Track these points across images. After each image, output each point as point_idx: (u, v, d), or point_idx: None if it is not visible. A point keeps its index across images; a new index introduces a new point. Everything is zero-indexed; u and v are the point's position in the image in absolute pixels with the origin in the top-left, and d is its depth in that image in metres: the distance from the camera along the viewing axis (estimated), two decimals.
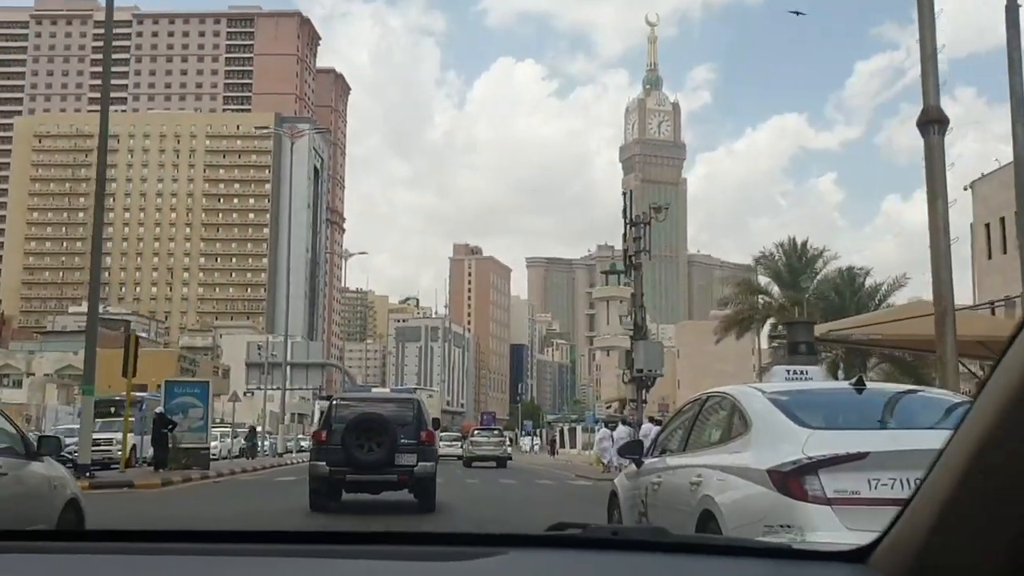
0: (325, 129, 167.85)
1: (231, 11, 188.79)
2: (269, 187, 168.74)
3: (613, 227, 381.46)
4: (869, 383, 6.42)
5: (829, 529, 4.84)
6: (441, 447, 29.07)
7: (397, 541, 1.92)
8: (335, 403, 16.81)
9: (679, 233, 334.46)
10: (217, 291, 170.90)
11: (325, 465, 15.15)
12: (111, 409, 33.00)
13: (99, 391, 26.59)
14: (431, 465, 15.72)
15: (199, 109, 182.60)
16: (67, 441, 20.39)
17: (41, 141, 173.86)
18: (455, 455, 44.88)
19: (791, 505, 5.02)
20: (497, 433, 47.04)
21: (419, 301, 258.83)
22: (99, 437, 28.10)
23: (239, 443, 49.55)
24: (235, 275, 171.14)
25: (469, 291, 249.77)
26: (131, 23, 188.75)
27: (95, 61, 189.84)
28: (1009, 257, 35.72)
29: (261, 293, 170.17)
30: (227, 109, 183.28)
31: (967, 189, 43.00)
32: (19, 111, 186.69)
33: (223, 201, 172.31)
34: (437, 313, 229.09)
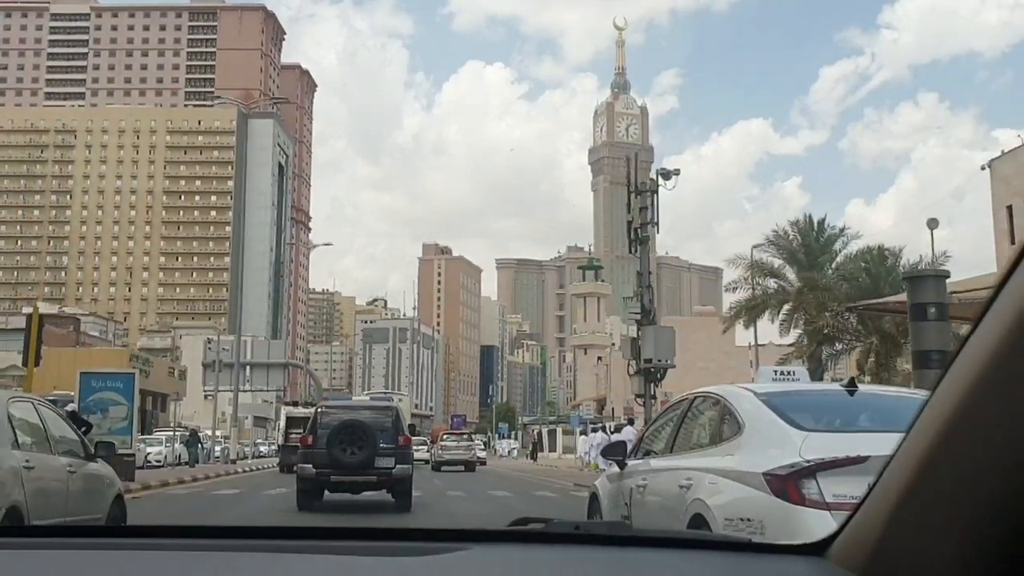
0: (286, 100, 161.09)
1: (193, 4, 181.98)
2: (232, 184, 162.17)
3: (583, 229, 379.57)
4: (861, 385, 6.03)
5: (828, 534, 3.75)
6: None
7: (360, 537, 1.89)
8: (320, 411, 17.90)
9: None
10: (178, 291, 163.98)
11: (311, 467, 16.25)
12: None
13: (45, 391, 24.86)
14: (408, 467, 16.82)
15: (160, 104, 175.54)
16: None
17: None
18: (422, 459, 42.57)
19: (788, 509, 4.85)
20: (466, 437, 46.54)
21: (387, 302, 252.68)
22: None
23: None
24: (196, 275, 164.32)
25: (439, 292, 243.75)
26: (89, 16, 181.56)
27: (51, 55, 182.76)
28: None
29: (224, 293, 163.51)
30: (188, 104, 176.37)
31: (984, 169, 38.56)
32: None
33: (184, 198, 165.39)
34: (405, 315, 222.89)
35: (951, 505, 1.21)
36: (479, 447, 54.93)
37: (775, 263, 37.97)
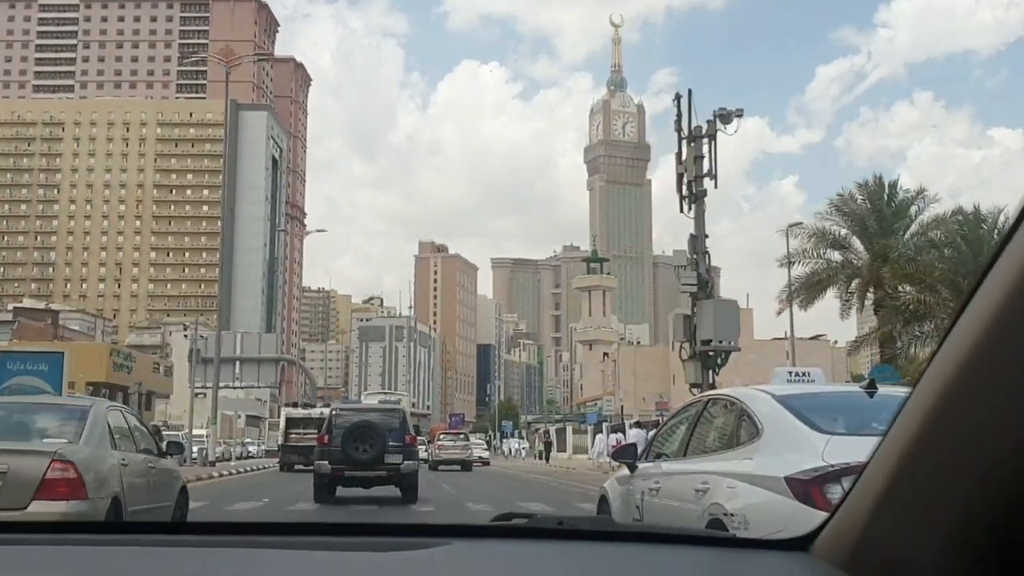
0: (269, 56, 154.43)
1: None
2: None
3: (578, 228, 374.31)
4: (881, 387, 5.72)
5: None
6: None
7: (341, 532, 1.86)
8: (334, 412, 19.44)
9: (644, 234, 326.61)
10: (169, 287, 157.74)
11: (327, 463, 17.69)
12: None
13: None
14: (414, 463, 18.37)
15: (151, 97, 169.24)
16: None
17: None
18: (421, 459, 38.01)
19: (812, 514, 4.48)
20: (463, 437, 46.51)
21: (383, 301, 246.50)
22: None
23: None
24: (188, 270, 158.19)
25: (435, 290, 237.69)
26: (78, 7, 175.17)
27: (40, 47, 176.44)
28: None
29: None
30: (180, 97, 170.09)
31: None
32: None
33: (175, 192, 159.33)
34: (401, 313, 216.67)
35: (933, 500, 1.21)
36: (481, 447, 53.27)
37: (840, 232, 32.07)
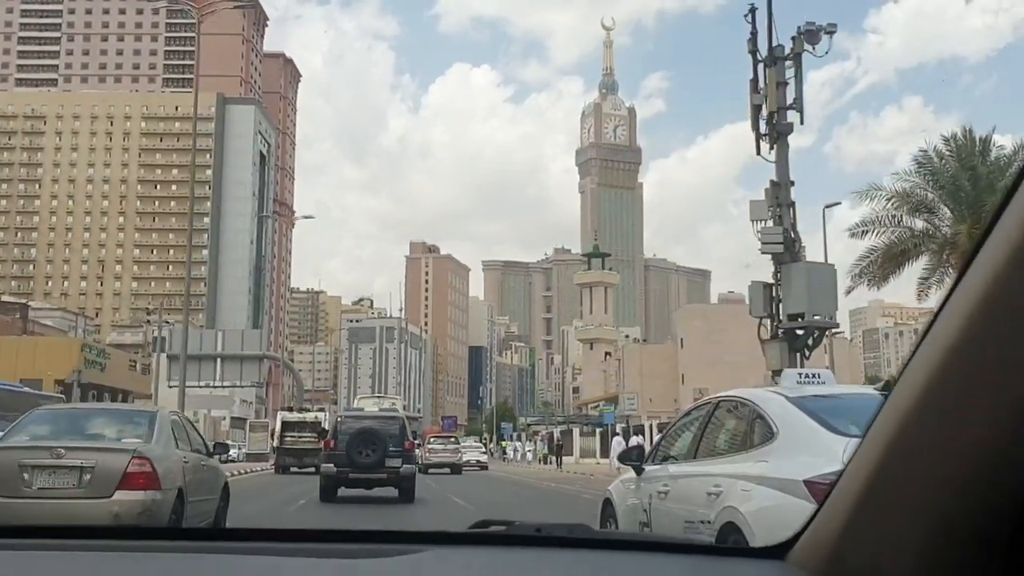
0: (250, 4, 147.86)
1: None
2: (211, 173, 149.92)
3: (568, 231, 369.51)
4: None
5: None
6: None
7: (316, 538, 1.84)
8: (339, 419, 20.82)
9: (635, 237, 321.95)
10: (153, 285, 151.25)
11: (333, 466, 18.95)
12: None
13: None
14: (412, 467, 19.65)
15: (136, 90, 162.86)
16: None
17: None
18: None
19: None
20: (453, 440, 46.06)
21: (373, 302, 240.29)
22: None
23: None
24: (173, 268, 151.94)
25: (426, 291, 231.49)
26: None
27: (22, 39, 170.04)
28: None
29: (202, 288, 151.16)
30: (166, 91, 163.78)
31: None
32: None
33: (160, 188, 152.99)
34: (391, 315, 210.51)
35: (911, 506, 1.19)
36: (479, 450, 51.69)
37: (926, 195, 26.45)
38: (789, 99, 19.52)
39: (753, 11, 20.28)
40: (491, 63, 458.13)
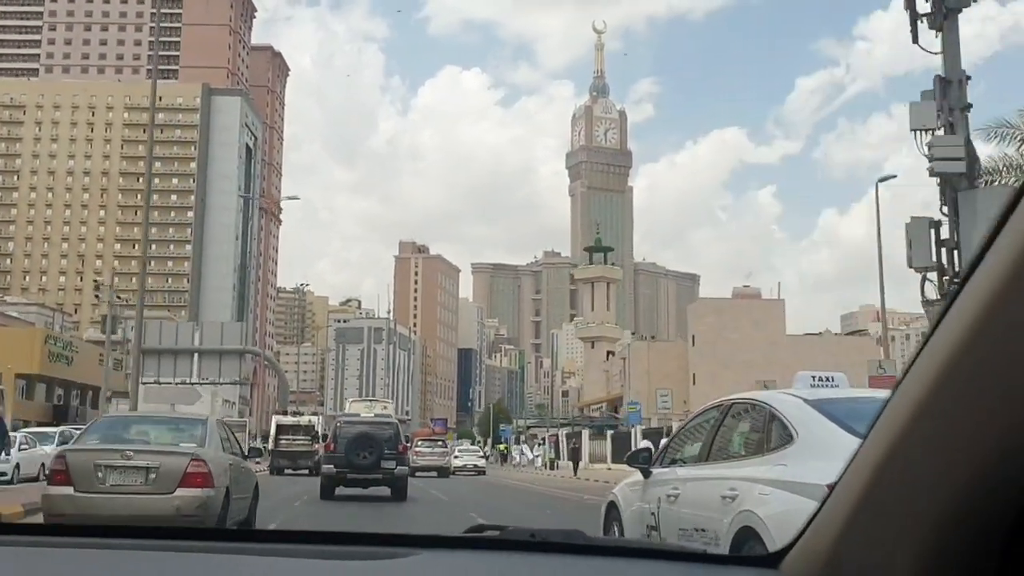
0: None
1: None
2: (195, 166, 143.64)
3: (557, 235, 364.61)
4: None
5: None
6: None
7: (309, 540, 1.83)
8: (339, 424, 22.13)
9: (625, 241, 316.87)
10: (134, 281, 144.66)
11: (333, 467, 20.46)
12: None
13: None
14: (405, 468, 21.24)
15: (120, 81, 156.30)
16: None
17: None
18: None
19: None
20: (440, 444, 45.45)
21: (361, 303, 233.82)
22: None
23: None
24: (155, 263, 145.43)
25: (415, 291, 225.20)
26: None
27: (2, 28, 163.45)
28: None
29: (184, 284, 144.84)
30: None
31: None
32: None
33: (142, 181, 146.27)
34: (380, 316, 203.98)
35: (907, 513, 1.18)
36: (476, 454, 49.52)
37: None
38: None
39: None
40: (481, 66, 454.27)
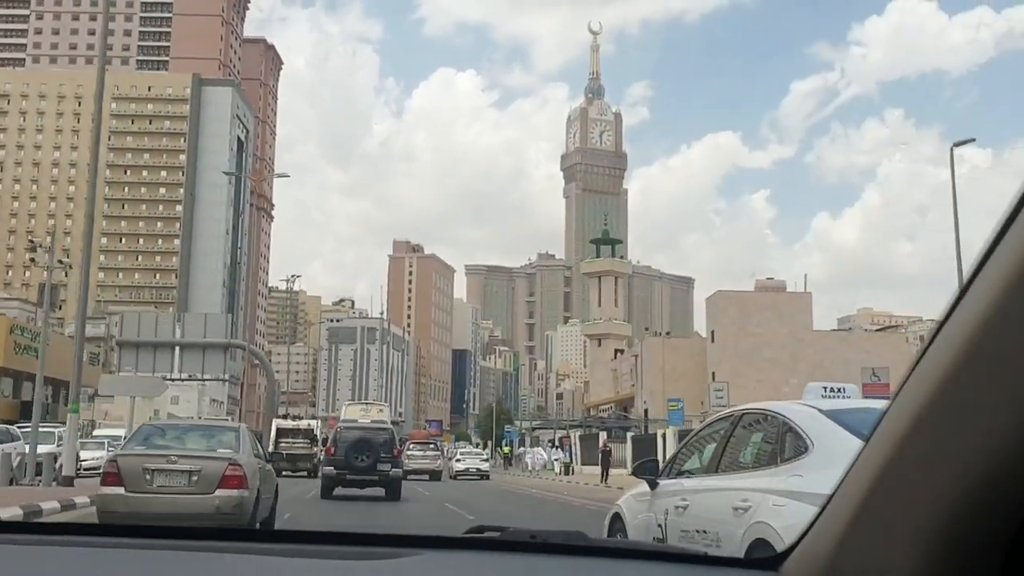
0: None
1: None
2: (184, 158, 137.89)
3: (551, 238, 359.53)
4: None
5: None
6: None
7: (311, 540, 1.82)
8: (339, 429, 23.45)
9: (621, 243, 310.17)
10: (121, 276, 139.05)
11: (333, 469, 21.83)
12: None
13: None
14: (399, 471, 22.95)
15: (109, 70, 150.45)
16: None
17: None
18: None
19: None
20: (432, 447, 44.40)
21: (354, 303, 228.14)
22: None
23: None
24: (142, 258, 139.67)
25: (409, 291, 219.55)
26: None
27: None
28: None
29: (172, 279, 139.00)
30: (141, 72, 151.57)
31: None
32: None
33: (130, 173, 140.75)
34: (373, 316, 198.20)
35: (908, 519, 1.17)
36: (480, 457, 48.24)
37: None
38: None
39: None
40: (475, 68, 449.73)
